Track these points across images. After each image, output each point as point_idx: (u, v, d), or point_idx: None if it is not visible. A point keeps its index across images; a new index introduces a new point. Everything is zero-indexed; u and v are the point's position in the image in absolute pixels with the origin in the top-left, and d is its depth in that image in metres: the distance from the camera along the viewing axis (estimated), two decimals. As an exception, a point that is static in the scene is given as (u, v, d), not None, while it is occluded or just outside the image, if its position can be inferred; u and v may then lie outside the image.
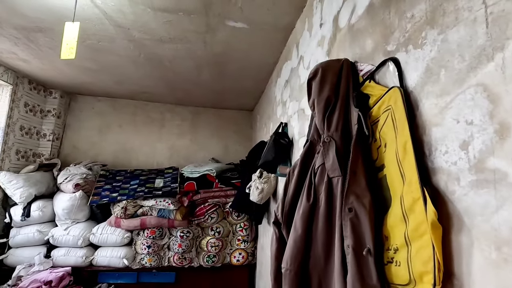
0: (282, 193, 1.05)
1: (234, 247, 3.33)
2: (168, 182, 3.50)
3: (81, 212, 3.19)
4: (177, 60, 2.66)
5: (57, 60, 2.80)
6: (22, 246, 3.04)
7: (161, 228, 3.19)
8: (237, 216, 3.31)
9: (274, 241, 0.96)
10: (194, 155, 4.17)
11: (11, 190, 3.02)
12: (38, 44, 2.48)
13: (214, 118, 4.33)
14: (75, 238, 3.04)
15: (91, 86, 3.58)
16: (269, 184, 2.34)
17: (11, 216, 3.03)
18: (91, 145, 3.95)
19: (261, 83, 3.14)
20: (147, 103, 4.16)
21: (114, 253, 3.08)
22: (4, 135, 3.09)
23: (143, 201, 3.19)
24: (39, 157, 3.63)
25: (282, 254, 0.95)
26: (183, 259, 3.17)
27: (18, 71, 3.15)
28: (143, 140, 4.10)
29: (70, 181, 3.23)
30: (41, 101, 3.64)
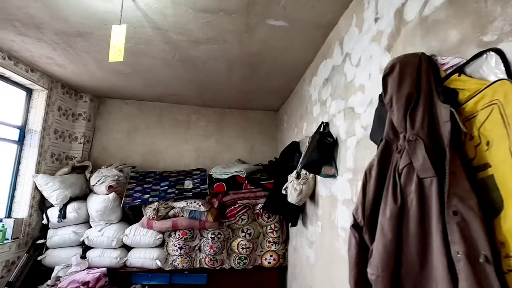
0: (359, 194, 0.99)
1: (264, 249, 3.29)
2: (197, 183, 3.50)
3: (114, 213, 3.23)
4: (210, 61, 2.65)
5: (91, 64, 2.86)
6: (59, 247, 3.11)
7: (192, 229, 3.19)
8: (268, 218, 3.27)
9: (354, 246, 0.92)
10: (220, 156, 4.17)
11: (48, 192, 3.09)
12: (76, 49, 2.53)
13: (240, 119, 4.32)
14: (109, 239, 3.08)
15: (120, 89, 3.64)
16: (308, 185, 2.29)
17: (48, 217, 3.10)
18: (120, 148, 4.01)
19: (292, 82, 3.10)
20: (173, 105, 4.19)
21: (147, 254, 3.10)
22: (40, 138, 3.17)
23: (174, 203, 3.21)
24: (71, 160, 3.71)
25: (363, 260, 0.90)
26: (215, 261, 3.16)
27: (53, 75, 3.23)
28: (169, 142, 4.13)
29: (103, 183, 3.28)
30: (72, 105, 3.73)
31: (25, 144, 3.13)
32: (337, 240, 1.82)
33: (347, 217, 1.69)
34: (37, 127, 3.17)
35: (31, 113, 3.19)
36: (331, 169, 1.87)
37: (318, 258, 2.20)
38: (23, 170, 3.10)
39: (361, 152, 1.54)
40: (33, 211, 3.11)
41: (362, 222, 0.91)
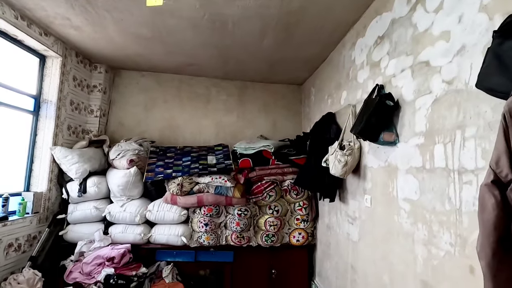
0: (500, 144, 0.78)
1: (292, 226, 3.16)
2: (220, 159, 3.33)
3: (136, 188, 3.09)
4: (243, 20, 2.40)
5: (110, 26, 2.61)
6: (79, 222, 2.99)
7: (218, 206, 3.05)
8: (296, 195, 3.11)
9: (493, 206, 0.73)
10: (241, 132, 3.97)
11: (67, 166, 2.94)
12: (96, 6, 2.29)
13: (262, 93, 4.09)
14: (132, 215, 2.95)
15: (138, 58, 3.40)
16: (353, 156, 2.10)
17: (68, 192, 2.97)
18: (137, 122, 3.82)
19: (327, 49, 2.84)
20: (192, 78, 3.95)
21: (172, 230, 2.98)
22: (56, 109, 2.98)
23: (198, 178, 3.05)
24: (87, 134, 3.54)
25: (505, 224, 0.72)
26: (241, 238, 3.03)
27: (68, 41, 3.00)
28: (188, 116, 3.93)
29: (123, 157, 3.12)
30: (87, 76, 3.51)
31: (40, 114, 2.95)
32: (397, 214, 1.64)
33: (414, 187, 1.50)
34: (52, 97, 2.98)
35: (45, 82, 2.99)
36: (391, 135, 1.67)
37: (365, 234, 2.04)
38: (40, 142, 2.93)
39: (441, 111, 1.33)
40: (52, 185, 2.97)
41: (510, 175, 0.71)
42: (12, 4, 2.33)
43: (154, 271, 2.85)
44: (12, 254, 2.48)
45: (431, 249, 1.37)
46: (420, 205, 1.46)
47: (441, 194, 1.32)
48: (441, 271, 1.30)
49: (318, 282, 3.06)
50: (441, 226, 1.31)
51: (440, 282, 1.32)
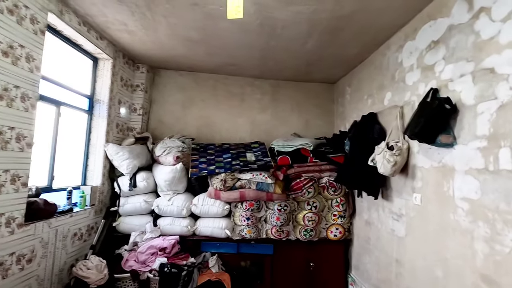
0: None
1: (330, 222, 3.27)
2: (259, 156, 3.47)
3: (181, 183, 3.26)
4: (292, 25, 2.50)
5: (163, 30, 2.76)
6: (130, 214, 3.20)
7: (258, 201, 3.19)
8: (334, 191, 3.22)
9: None
10: (275, 130, 4.09)
11: (118, 162, 3.14)
12: (155, 12, 2.43)
13: (294, 91, 4.18)
14: (179, 209, 3.14)
15: (180, 59, 3.55)
16: (402, 156, 2.19)
17: (120, 186, 3.17)
18: (176, 120, 4.00)
19: (368, 49, 2.91)
20: (227, 77, 4.09)
21: (216, 224, 3.15)
22: (108, 108, 3.17)
23: (239, 174, 3.20)
24: (131, 131, 3.73)
25: None
26: (281, 232, 3.17)
27: (118, 44, 3.17)
28: (224, 114, 4.07)
29: (169, 154, 3.30)
30: (131, 76, 3.69)
31: (94, 114, 3.15)
32: (453, 212, 1.73)
33: (474, 187, 1.59)
34: (104, 97, 3.17)
35: (98, 82, 3.18)
36: (448, 138, 1.75)
37: (414, 230, 2.14)
38: (94, 139, 3.14)
39: (508, 117, 1.41)
40: (105, 180, 3.18)
41: None
42: (76, 11, 2.51)
43: (201, 261, 3.03)
44: (76, 243, 2.71)
45: (494, 245, 1.46)
46: (481, 204, 1.55)
47: (505, 194, 1.40)
48: (505, 266, 1.40)
49: (355, 275, 3.18)
50: (506, 224, 1.40)
51: (502, 276, 1.41)
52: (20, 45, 1.96)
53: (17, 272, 2.03)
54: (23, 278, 2.08)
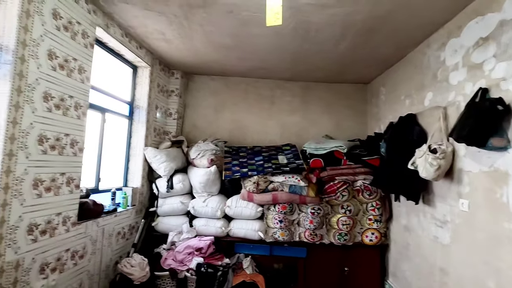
0: None
1: (365, 226, 3.19)
2: (291, 158, 3.46)
3: (215, 185, 3.35)
4: (326, 28, 2.48)
5: (198, 38, 2.85)
6: (168, 215, 3.34)
7: (291, 204, 3.19)
8: (369, 195, 3.13)
9: None
10: (305, 132, 4.06)
11: (156, 164, 3.29)
12: (192, 21, 2.52)
13: (325, 93, 4.13)
14: (213, 210, 3.22)
15: (212, 64, 3.64)
16: (446, 160, 2.08)
17: (158, 187, 3.32)
18: (208, 123, 4.11)
19: (405, 48, 2.81)
20: (257, 80, 4.13)
21: (249, 225, 3.19)
22: (146, 114, 3.34)
23: (272, 177, 3.22)
24: (167, 135, 3.90)
25: None
26: (314, 235, 3.15)
27: (155, 52, 3.33)
28: (255, 117, 4.12)
29: (203, 157, 3.40)
30: (166, 82, 3.85)
31: (134, 119, 3.33)
32: (509, 221, 1.62)
33: (533, 194, 1.48)
34: (143, 103, 3.34)
35: (137, 89, 3.36)
36: (501, 141, 1.64)
37: (460, 238, 2.03)
38: (134, 143, 3.32)
39: None
40: (144, 182, 3.35)
41: None
42: (120, 24, 2.67)
43: (235, 262, 3.09)
44: (120, 241, 2.88)
45: (558, 258, 1.35)
46: (541, 213, 1.44)
47: None
48: None
49: (393, 283, 3.07)
50: None
51: None
52: (74, 58, 2.13)
53: (72, 267, 2.20)
54: (76, 273, 2.26)
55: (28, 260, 1.80)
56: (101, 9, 2.40)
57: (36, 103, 1.81)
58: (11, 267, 1.68)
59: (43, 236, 1.91)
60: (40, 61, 1.83)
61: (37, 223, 1.86)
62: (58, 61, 1.98)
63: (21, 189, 1.73)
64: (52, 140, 1.96)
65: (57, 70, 1.98)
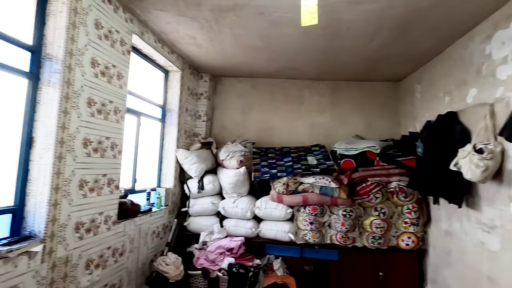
0: None
1: (400, 230, 3.06)
2: (320, 159, 3.40)
3: (244, 186, 3.37)
4: (359, 24, 2.41)
5: (228, 41, 2.89)
6: (199, 215, 3.41)
7: (322, 205, 3.14)
8: (405, 197, 3.00)
9: None
10: (334, 132, 3.98)
11: (188, 165, 3.37)
12: (222, 25, 2.56)
13: (355, 92, 4.02)
14: (243, 211, 3.25)
15: (240, 66, 3.67)
16: (495, 160, 1.94)
17: (189, 188, 3.41)
18: (236, 125, 4.15)
19: (445, 42, 2.65)
20: (285, 81, 4.11)
21: (279, 227, 3.18)
22: (178, 117, 3.44)
23: (301, 178, 3.18)
24: (196, 136, 3.98)
25: None
26: (346, 238, 3.06)
27: (186, 57, 3.42)
28: (282, 118, 4.10)
29: (233, 158, 3.43)
30: (196, 85, 3.95)
31: (166, 122, 3.44)
32: None
33: None
34: (174, 106, 3.44)
35: (169, 93, 3.47)
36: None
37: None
38: (167, 145, 3.42)
39: None
40: (176, 182, 3.45)
41: None
42: (153, 30, 2.78)
43: (266, 263, 3.09)
44: (155, 240, 2.98)
45: None
46: None
47: None
48: None
49: (432, 290, 2.91)
50: None
51: None
52: (113, 65, 2.24)
53: (113, 264, 2.31)
54: (116, 269, 2.37)
55: (75, 256, 1.91)
56: (137, 17, 2.51)
57: (81, 108, 1.92)
58: (62, 262, 1.80)
59: (88, 234, 2.03)
60: (84, 69, 1.94)
61: (83, 221, 1.97)
62: (99, 68, 2.09)
63: (69, 190, 1.85)
64: (95, 143, 2.07)
65: (99, 77, 2.09)
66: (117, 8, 2.26)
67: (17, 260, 1.51)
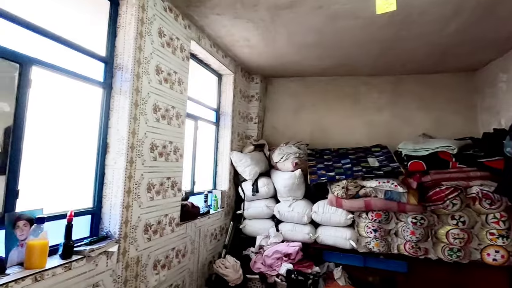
0: None
1: (485, 242, 2.65)
2: (383, 161, 3.13)
3: (299, 190, 3.25)
4: (433, 7, 2.13)
5: (281, 39, 2.81)
6: (253, 218, 3.38)
7: (387, 211, 2.87)
8: (490, 204, 2.58)
9: None
10: (396, 131, 3.64)
11: (242, 168, 3.36)
12: (277, 24, 2.49)
13: (419, 86, 3.64)
14: (299, 215, 3.12)
15: (290, 65, 3.57)
16: None
17: (244, 190, 3.39)
18: (287, 126, 4.05)
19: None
20: (338, 78, 3.89)
21: (339, 233, 2.99)
22: (231, 119, 3.46)
23: (362, 181, 2.94)
24: (249, 139, 3.97)
25: None
26: (417, 249, 2.75)
27: (238, 59, 3.43)
28: (337, 117, 3.89)
29: (287, 160, 3.33)
30: (247, 87, 3.94)
31: (220, 125, 3.48)
32: None
33: None
34: (228, 109, 3.47)
35: (222, 96, 3.51)
36: None
37: None
38: (221, 148, 3.46)
39: None
40: (231, 185, 3.46)
41: None
42: (209, 35, 2.82)
43: (325, 271, 2.93)
44: (213, 242, 3.02)
45: None
46: None
47: None
48: None
49: (530, 315, 2.46)
50: None
51: None
52: (174, 72, 2.31)
53: (177, 265, 2.37)
54: (180, 270, 2.43)
55: (145, 257, 1.99)
56: (195, 23, 2.56)
57: (148, 114, 2.00)
58: (134, 262, 1.88)
59: (155, 236, 2.10)
60: (150, 76, 2.02)
61: (151, 223, 2.05)
62: (163, 75, 2.16)
63: (139, 193, 1.93)
64: (160, 147, 2.14)
65: (162, 84, 2.16)
66: (177, 16, 2.33)
67: (97, 259, 1.60)
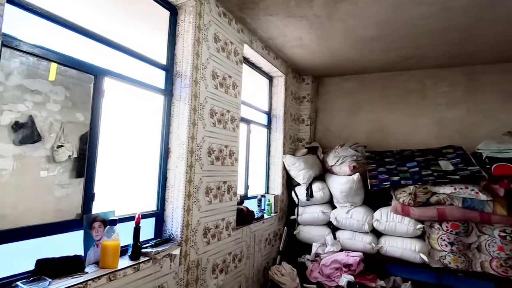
0: None
1: None
2: (459, 164, 2.74)
3: (358, 195, 3.01)
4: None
5: (337, 35, 2.65)
6: (308, 224, 3.23)
7: (466, 222, 2.49)
8: None
9: None
10: (473, 129, 3.18)
11: (295, 172, 3.25)
12: (333, 18, 2.35)
13: (501, 76, 3.12)
14: (359, 223, 2.89)
15: (346, 63, 3.36)
16: None
17: (297, 195, 3.28)
18: (342, 127, 3.82)
19: None
20: (400, 73, 3.55)
21: (406, 244, 2.69)
22: (283, 122, 3.37)
23: (434, 187, 2.61)
24: (300, 141, 3.84)
25: None
26: (508, 268, 2.33)
27: (289, 60, 3.34)
28: (399, 116, 3.54)
29: (343, 163, 3.13)
30: (298, 89, 3.83)
31: (272, 128, 3.42)
32: None
33: None
34: (279, 112, 3.39)
35: (273, 99, 3.45)
36: None
37: None
38: (273, 151, 3.40)
39: None
40: (283, 189, 3.38)
41: None
42: (261, 38, 2.78)
43: (391, 286, 2.65)
44: (267, 247, 2.96)
45: None
46: None
47: None
48: None
49: None
50: None
51: None
52: (229, 76, 2.31)
53: (233, 269, 2.36)
54: (236, 275, 2.41)
55: (204, 260, 2.01)
56: (247, 26, 2.55)
57: (205, 119, 2.03)
58: (194, 265, 1.91)
59: (213, 239, 2.11)
60: (207, 81, 2.04)
61: (209, 227, 2.06)
62: (218, 80, 2.18)
63: (198, 196, 1.95)
64: (217, 151, 2.16)
65: (218, 88, 2.18)
66: (231, 20, 2.33)
67: (162, 262, 1.64)
